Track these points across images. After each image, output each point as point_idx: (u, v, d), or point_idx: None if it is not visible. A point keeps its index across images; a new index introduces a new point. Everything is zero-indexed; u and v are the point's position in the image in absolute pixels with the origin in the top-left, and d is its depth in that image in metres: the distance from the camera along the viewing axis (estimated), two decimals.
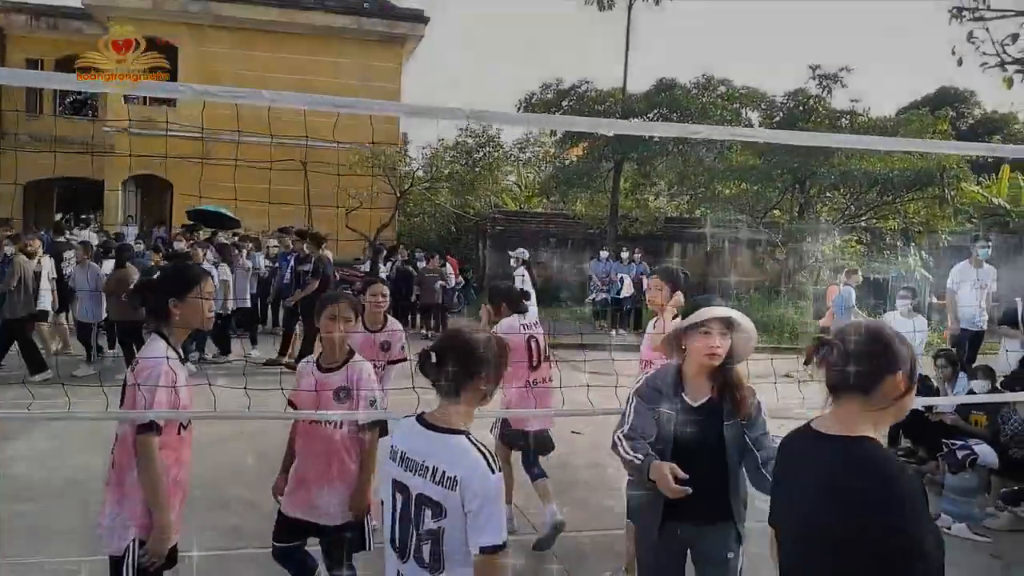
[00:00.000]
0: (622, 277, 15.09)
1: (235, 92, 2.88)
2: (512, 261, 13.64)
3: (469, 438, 2.22)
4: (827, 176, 16.14)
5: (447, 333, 2.49)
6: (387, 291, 5.28)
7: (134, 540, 2.91)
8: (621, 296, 15.14)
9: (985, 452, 6.04)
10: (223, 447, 6.43)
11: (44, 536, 4.89)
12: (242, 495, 5.57)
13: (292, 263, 11.88)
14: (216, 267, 11.08)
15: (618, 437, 3.12)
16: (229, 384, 4.64)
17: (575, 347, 9.92)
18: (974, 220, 19.96)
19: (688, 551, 3.14)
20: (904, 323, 7.99)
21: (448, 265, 15.41)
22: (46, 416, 5.26)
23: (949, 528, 5.65)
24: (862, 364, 1.97)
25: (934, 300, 14.00)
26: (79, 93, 26.78)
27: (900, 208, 16.70)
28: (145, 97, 23.25)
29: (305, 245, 11.42)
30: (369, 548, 3.62)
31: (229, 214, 16.71)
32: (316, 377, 3.65)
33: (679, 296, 4.41)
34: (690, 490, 2.79)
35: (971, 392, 6.71)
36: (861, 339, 1.98)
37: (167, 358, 3.03)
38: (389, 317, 5.33)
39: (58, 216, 27.17)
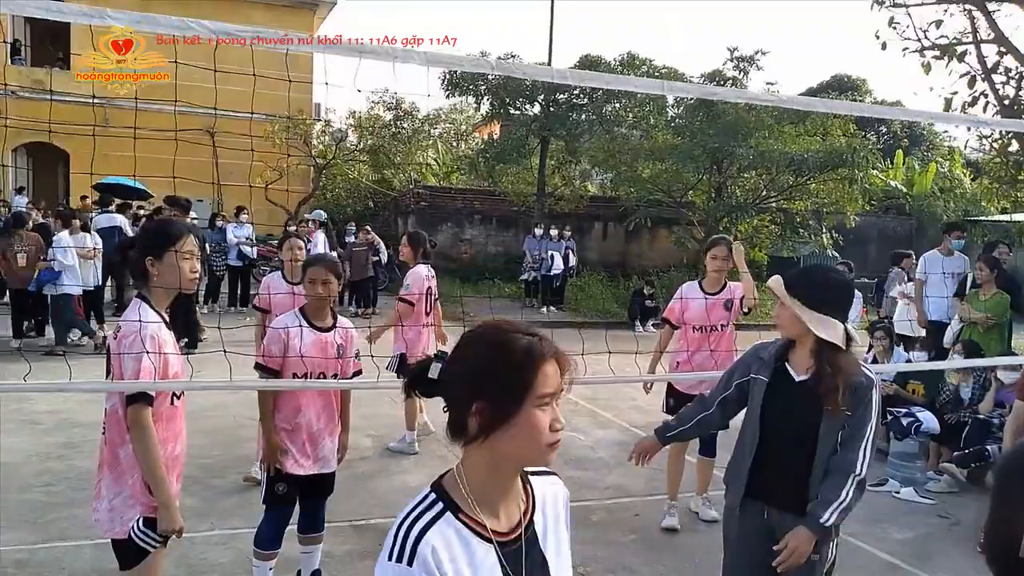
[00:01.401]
0: (552, 254, 15.03)
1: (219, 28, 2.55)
2: (311, 223, 13.65)
3: (426, 496, 1.40)
4: (745, 156, 16.42)
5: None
6: (303, 244, 5.63)
7: (139, 519, 2.66)
8: (552, 273, 15.11)
9: (928, 419, 6.33)
10: None
11: None
12: (194, 475, 5.24)
13: None
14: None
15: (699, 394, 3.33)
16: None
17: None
18: (874, 203, 20.90)
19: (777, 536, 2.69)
20: None
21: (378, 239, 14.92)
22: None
23: (898, 492, 5.88)
24: None
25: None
26: None
27: (813, 189, 17.18)
28: (33, 58, 21.65)
29: (173, 215, 9.70)
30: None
31: (137, 185, 15.75)
32: (317, 336, 3.70)
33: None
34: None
35: (908, 362, 7.00)
36: None
37: (147, 322, 2.77)
38: None
39: None
